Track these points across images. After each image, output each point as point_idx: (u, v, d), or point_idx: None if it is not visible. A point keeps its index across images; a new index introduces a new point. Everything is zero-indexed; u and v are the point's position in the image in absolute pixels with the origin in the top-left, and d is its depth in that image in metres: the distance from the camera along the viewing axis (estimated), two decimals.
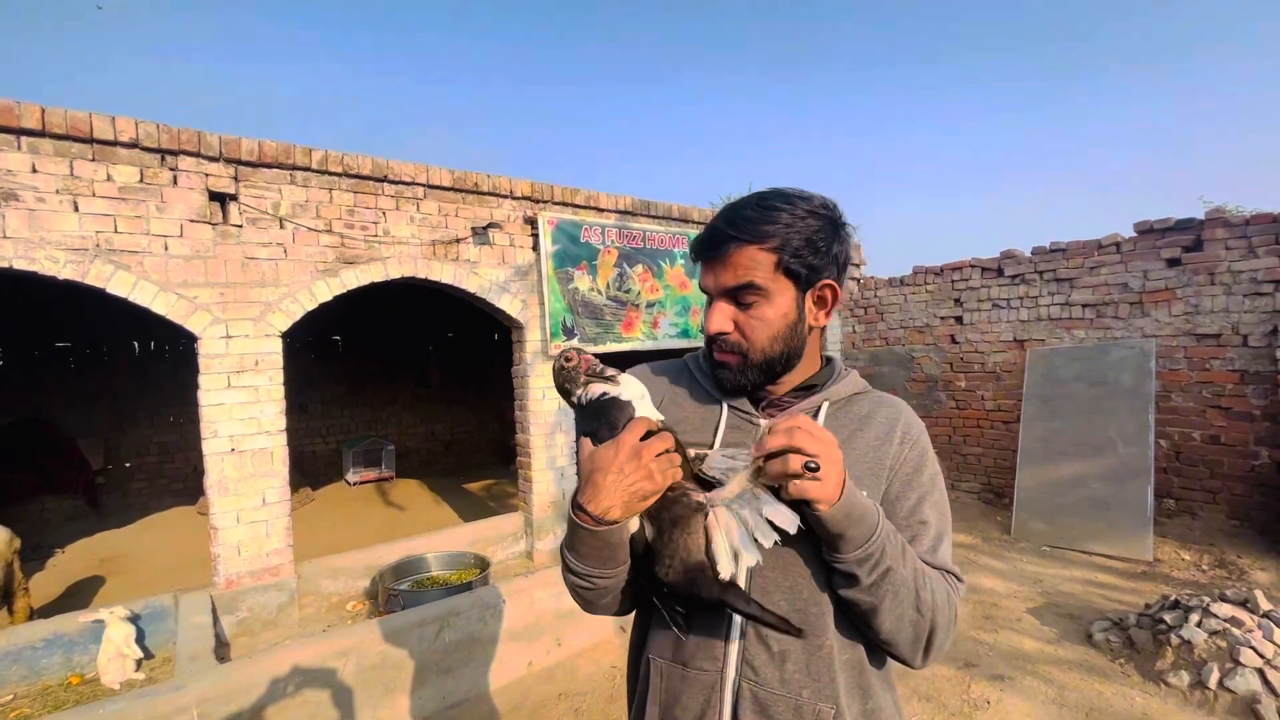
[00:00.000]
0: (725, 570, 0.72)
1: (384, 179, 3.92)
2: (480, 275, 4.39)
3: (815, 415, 0.88)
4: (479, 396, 9.74)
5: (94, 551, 5.74)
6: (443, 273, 4.20)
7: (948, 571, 0.85)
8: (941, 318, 6.34)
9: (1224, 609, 2.91)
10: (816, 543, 0.77)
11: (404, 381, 9.24)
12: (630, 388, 0.82)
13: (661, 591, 0.78)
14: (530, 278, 4.65)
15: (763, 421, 0.87)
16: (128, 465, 7.27)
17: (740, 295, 0.82)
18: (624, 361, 0.93)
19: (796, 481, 0.68)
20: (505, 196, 4.49)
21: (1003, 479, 5.88)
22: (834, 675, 0.80)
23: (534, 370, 4.64)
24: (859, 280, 7.13)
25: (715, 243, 0.83)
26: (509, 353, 4.89)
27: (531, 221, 4.62)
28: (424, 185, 4.09)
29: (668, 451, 0.74)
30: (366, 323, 8.62)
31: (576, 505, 0.76)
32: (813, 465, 0.67)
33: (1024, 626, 3.50)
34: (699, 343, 5.78)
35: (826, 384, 0.91)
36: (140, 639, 3.11)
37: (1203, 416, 4.75)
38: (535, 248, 4.64)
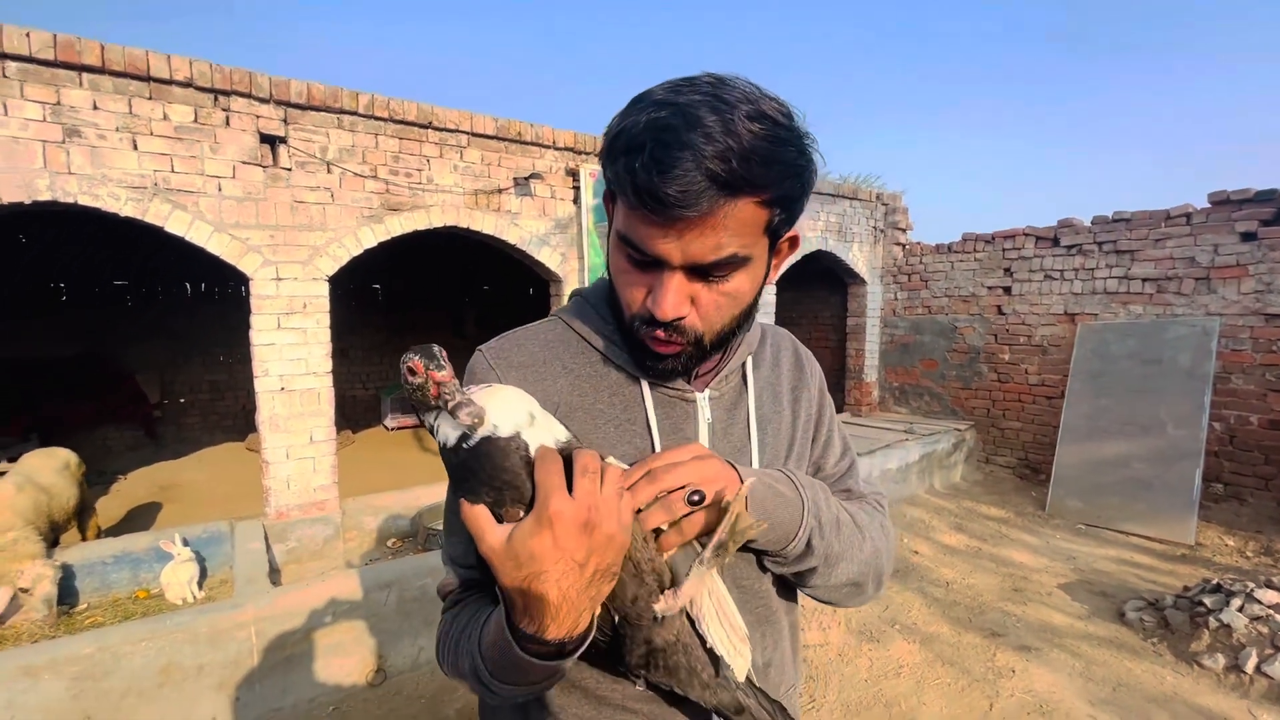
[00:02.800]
0: (740, 670, 0.59)
1: (428, 125, 3.90)
2: (521, 227, 4.38)
3: (742, 374, 0.76)
4: None
5: (153, 479, 6.10)
6: (484, 223, 4.21)
7: (876, 493, 0.83)
8: (989, 287, 6.12)
9: (1269, 595, 2.84)
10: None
11: (441, 332, 9.40)
12: (507, 410, 0.54)
13: (636, 680, 0.61)
14: (570, 231, 4.63)
15: (698, 395, 0.71)
16: (182, 401, 7.63)
17: (714, 268, 0.57)
18: None
19: (688, 520, 0.56)
20: (548, 147, 4.43)
21: (1040, 455, 5.76)
22: (787, 652, 0.77)
23: None
24: (904, 246, 6.91)
25: (690, 190, 0.51)
26: (544, 307, 4.92)
27: (573, 174, 4.56)
28: (467, 133, 4.06)
29: (614, 490, 0.53)
30: (406, 273, 8.75)
31: (522, 637, 0.51)
32: (696, 496, 0.55)
33: (1054, 601, 3.48)
34: None
35: (744, 332, 0.72)
36: (199, 561, 3.32)
37: (1263, 400, 4.53)
38: (576, 200, 4.60)
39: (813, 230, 6.19)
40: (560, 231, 4.58)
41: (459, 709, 2.59)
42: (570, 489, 0.50)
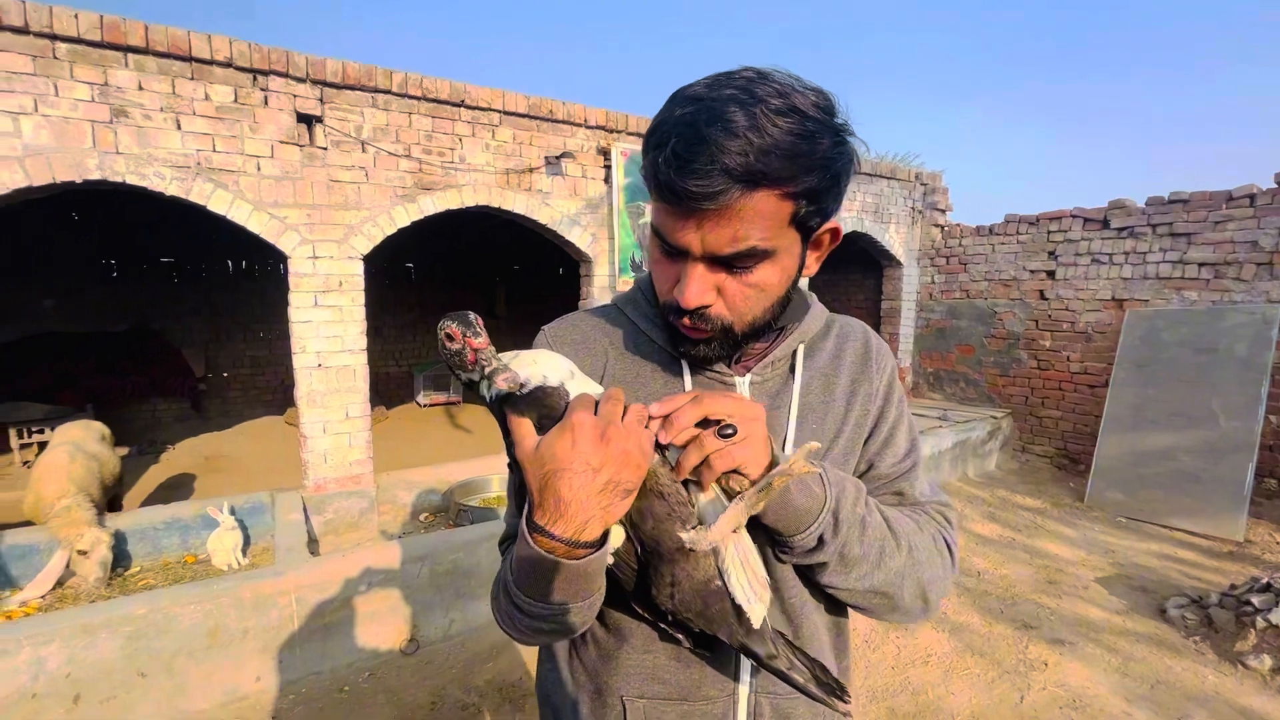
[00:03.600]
0: (756, 616, 0.59)
1: (461, 103, 3.89)
2: (552, 207, 4.37)
3: (792, 362, 0.75)
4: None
5: (198, 450, 6.35)
6: (515, 202, 4.21)
7: (940, 504, 0.77)
8: (1032, 271, 5.91)
9: None
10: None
11: (473, 310, 9.51)
12: (553, 365, 0.60)
13: (664, 620, 0.64)
14: (601, 211, 4.60)
15: (738, 379, 0.72)
16: (225, 375, 7.90)
17: (736, 259, 0.58)
18: None
19: (717, 454, 0.55)
20: (579, 125, 4.39)
21: (1080, 445, 5.59)
22: (825, 650, 0.75)
23: (601, 304, 4.67)
24: (943, 227, 6.70)
25: (708, 184, 0.53)
26: (574, 287, 4.92)
27: (605, 152, 4.52)
28: (499, 111, 4.04)
29: (635, 415, 0.57)
30: (438, 252, 8.84)
31: (534, 528, 0.55)
32: (728, 430, 0.55)
33: (1090, 595, 3.40)
34: None
35: (799, 321, 0.75)
36: (243, 529, 3.45)
37: None
38: (607, 180, 4.56)
39: (848, 211, 6.04)
40: (591, 211, 4.55)
41: (488, 680, 2.66)
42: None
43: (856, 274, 7.49)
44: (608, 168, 4.54)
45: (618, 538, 0.59)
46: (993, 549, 4.01)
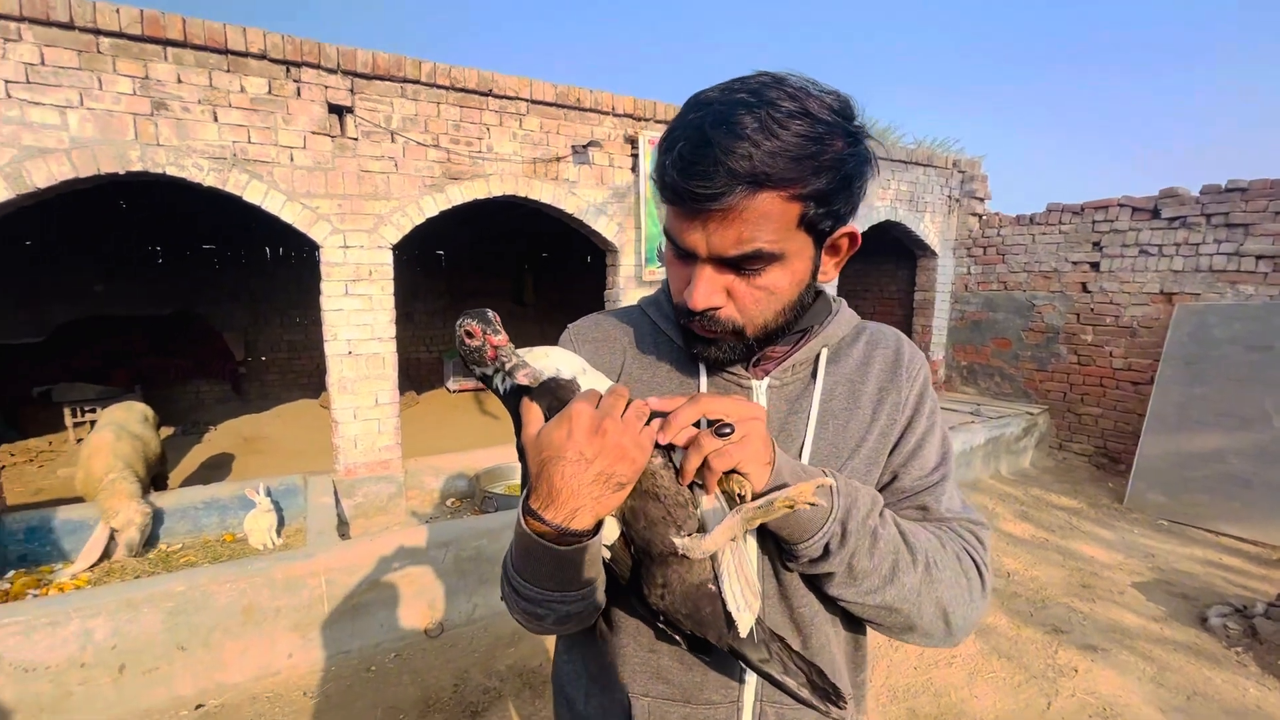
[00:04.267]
0: (744, 625, 0.58)
1: (488, 93, 3.90)
2: (579, 196, 4.36)
3: (814, 367, 0.73)
4: (571, 317, 9.89)
5: (238, 431, 6.58)
6: (542, 192, 4.21)
7: (971, 521, 0.72)
8: (1074, 263, 5.68)
9: None
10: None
11: (501, 298, 9.60)
12: (566, 360, 0.62)
13: (656, 620, 0.64)
14: (628, 200, 4.57)
15: (755, 382, 0.72)
16: (263, 359, 8.15)
17: (744, 261, 0.59)
18: None
19: (715, 453, 0.55)
20: (606, 113, 4.36)
21: (1121, 444, 5.39)
22: (838, 662, 0.73)
23: (625, 295, 4.65)
24: (981, 216, 6.48)
25: (711, 185, 0.53)
26: (602, 276, 4.91)
27: (632, 141, 4.48)
28: (527, 100, 4.03)
29: (635, 411, 0.57)
30: (468, 240, 8.92)
31: (528, 511, 0.57)
32: (726, 429, 0.55)
33: (1126, 600, 3.29)
34: None
35: (822, 325, 0.74)
36: (278, 510, 3.57)
37: None
38: (634, 169, 4.53)
39: (881, 199, 5.88)
40: (618, 200, 4.53)
41: (510, 665, 2.71)
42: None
43: (889, 264, 7.32)
44: (635, 156, 4.51)
45: (612, 532, 0.60)
46: (1024, 549, 3.91)
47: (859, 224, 0.69)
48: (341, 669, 2.66)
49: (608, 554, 0.61)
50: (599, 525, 0.58)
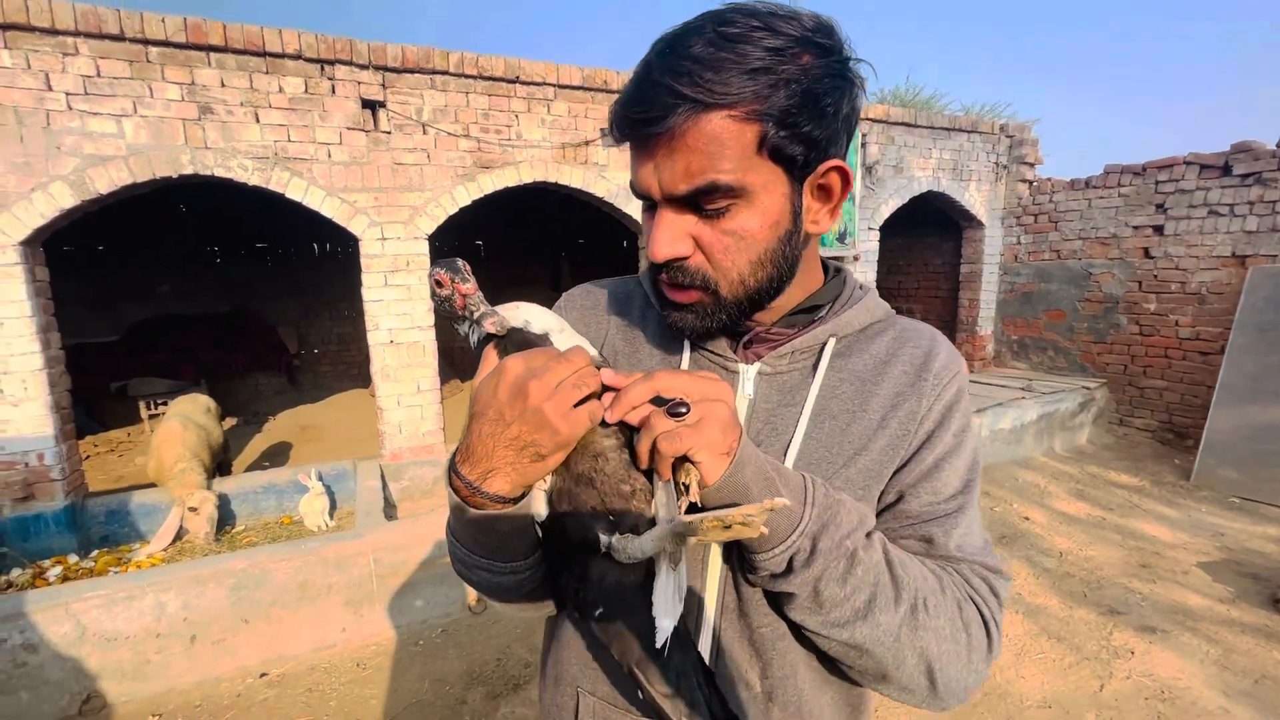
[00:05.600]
0: (661, 634, 0.50)
1: (515, 80, 3.92)
2: (609, 180, 4.36)
3: (817, 358, 0.63)
4: None
5: (295, 420, 6.90)
6: (572, 177, 4.22)
7: (986, 567, 0.60)
8: (1135, 227, 5.35)
9: None
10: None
11: (539, 285, 9.72)
12: (538, 314, 0.59)
13: (570, 613, 0.58)
14: None
15: (743, 366, 0.63)
16: (315, 351, 8.51)
17: (702, 200, 0.52)
18: None
19: (665, 436, 0.47)
20: None
21: (1188, 418, 5.09)
22: (807, 701, 0.62)
23: None
24: (1031, 183, 6.16)
25: (651, 109, 0.49)
26: (635, 259, 4.91)
27: None
28: (554, 85, 4.04)
29: (575, 379, 0.49)
30: (504, 228, 9.05)
31: (450, 463, 0.54)
32: (680, 409, 0.47)
33: (1190, 580, 3.13)
34: (838, 251, 5.43)
35: (834, 307, 0.65)
36: (330, 494, 3.75)
37: None
38: None
39: (923, 169, 5.66)
40: None
41: None
42: None
43: (933, 236, 7.06)
44: None
45: (539, 505, 0.54)
46: (1079, 529, 3.76)
47: (898, 195, 0.62)
48: (392, 642, 2.78)
49: (539, 531, 0.56)
50: (523, 496, 0.53)
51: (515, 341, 0.56)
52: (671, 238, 0.54)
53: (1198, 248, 4.97)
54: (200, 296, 7.66)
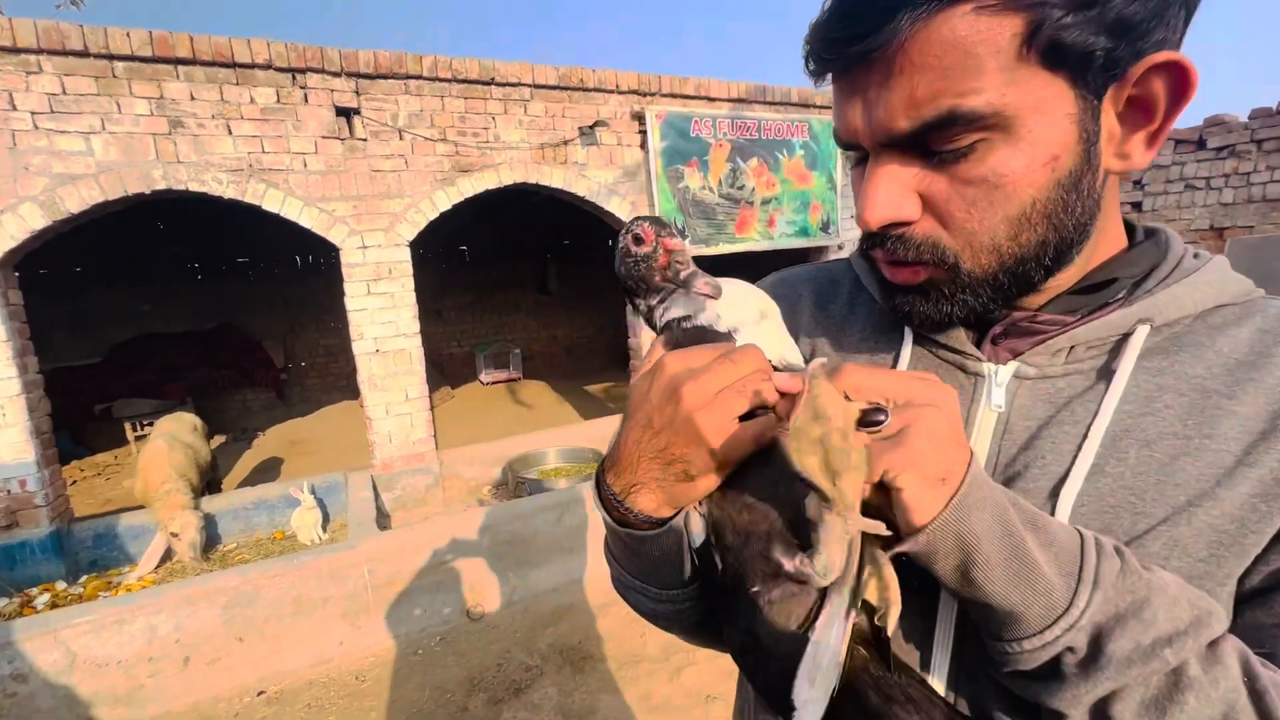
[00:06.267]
0: (799, 696, 0.37)
1: (491, 81, 3.90)
2: (589, 178, 4.34)
3: (1114, 355, 0.43)
4: (596, 302, 10.01)
5: (284, 435, 6.84)
6: (552, 177, 4.21)
7: None
8: None
9: None
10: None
11: (526, 289, 9.69)
12: (736, 305, 0.47)
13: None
14: (639, 178, 4.53)
15: (990, 367, 0.46)
16: (303, 364, 8.43)
17: (934, 138, 0.38)
18: (740, 265, 0.46)
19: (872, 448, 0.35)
20: (611, 92, 4.31)
21: None
22: None
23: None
24: None
25: (860, 21, 0.37)
26: None
27: (639, 117, 4.43)
28: (530, 85, 4.02)
29: (741, 385, 0.40)
30: (490, 233, 9.01)
31: (600, 465, 0.47)
32: (876, 417, 0.35)
33: None
34: (821, 242, 5.44)
35: (1146, 282, 0.45)
36: (322, 507, 3.71)
37: None
38: (643, 146, 4.48)
39: None
40: (629, 179, 4.50)
41: (550, 643, 2.78)
42: None
43: None
44: (643, 133, 4.45)
45: (695, 529, 0.45)
46: None
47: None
48: (390, 653, 2.76)
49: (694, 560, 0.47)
50: (675, 516, 0.44)
51: (691, 338, 0.46)
52: (888, 196, 0.41)
53: (1176, 222, 5.02)
54: (183, 314, 7.56)
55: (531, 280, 9.72)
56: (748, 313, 0.47)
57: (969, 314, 0.44)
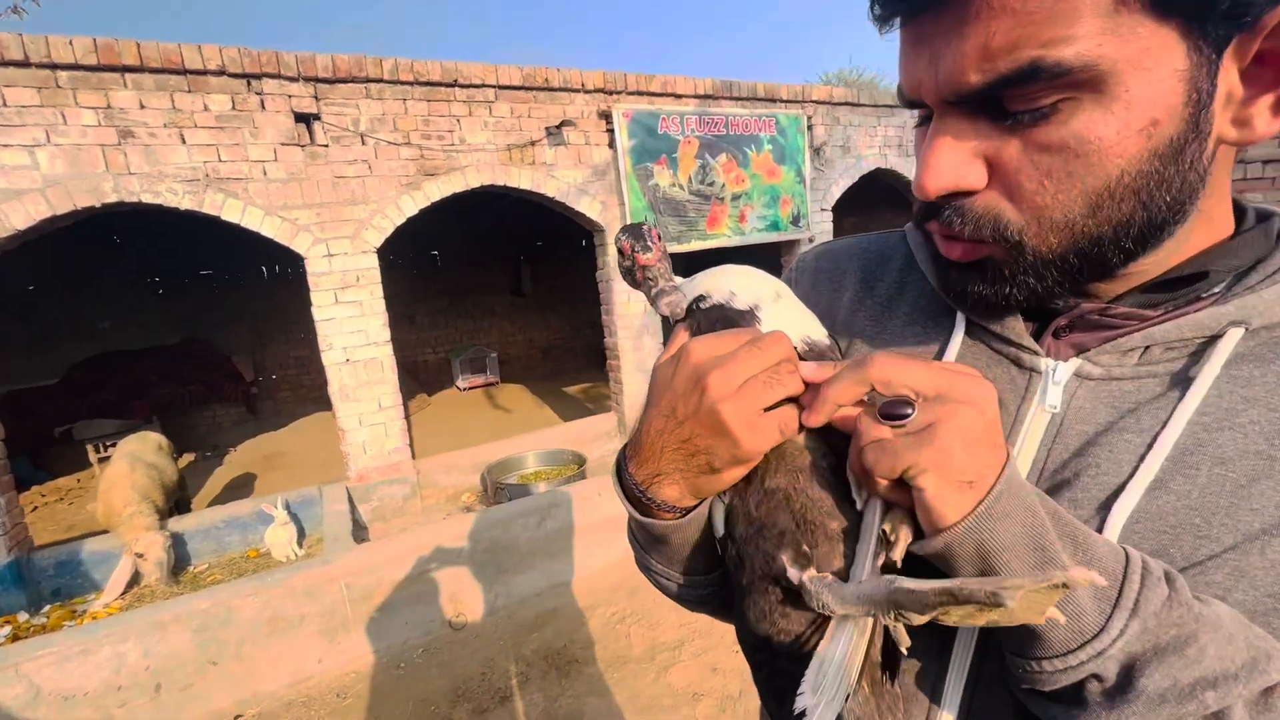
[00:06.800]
0: (801, 701, 0.36)
1: (454, 83, 3.84)
2: (558, 178, 4.31)
3: (1196, 359, 0.38)
4: (571, 303, 9.97)
5: (257, 450, 6.69)
6: (520, 178, 4.17)
7: None
8: None
9: None
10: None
11: (500, 293, 9.60)
12: (746, 282, 0.46)
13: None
14: (608, 177, 4.51)
15: (1048, 363, 0.42)
16: (274, 377, 8.25)
17: (1010, 96, 0.33)
18: (713, 262, 0.45)
19: (876, 445, 0.34)
20: (577, 91, 4.29)
21: None
22: None
23: (616, 274, 4.60)
24: None
25: None
26: (594, 258, 4.88)
27: (606, 116, 4.41)
28: (494, 86, 3.97)
29: (768, 375, 0.38)
30: (461, 237, 8.91)
31: (622, 453, 0.46)
32: (900, 410, 0.34)
33: None
34: (792, 235, 5.51)
35: (1249, 277, 0.39)
36: (297, 522, 3.63)
37: None
38: (611, 144, 4.46)
39: (869, 148, 5.75)
40: (598, 178, 4.47)
41: (535, 649, 2.75)
42: None
43: (886, 213, 7.20)
44: (610, 131, 4.43)
45: (718, 519, 0.45)
46: None
47: (847, 175, 0.43)
48: (372, 668, 2.71)
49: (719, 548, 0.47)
50: (698, 505, 0.44)
51: (711, 319, 0.45)
52: (951, 162, 0.36)
53: None
54: (145, 330, 7.34)
55: (505, 283, 9.64)
56: (763, 292, 0.46)
57: (1030, 298, 0.39)
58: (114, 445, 6.05)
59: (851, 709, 0.36)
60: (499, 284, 9.58)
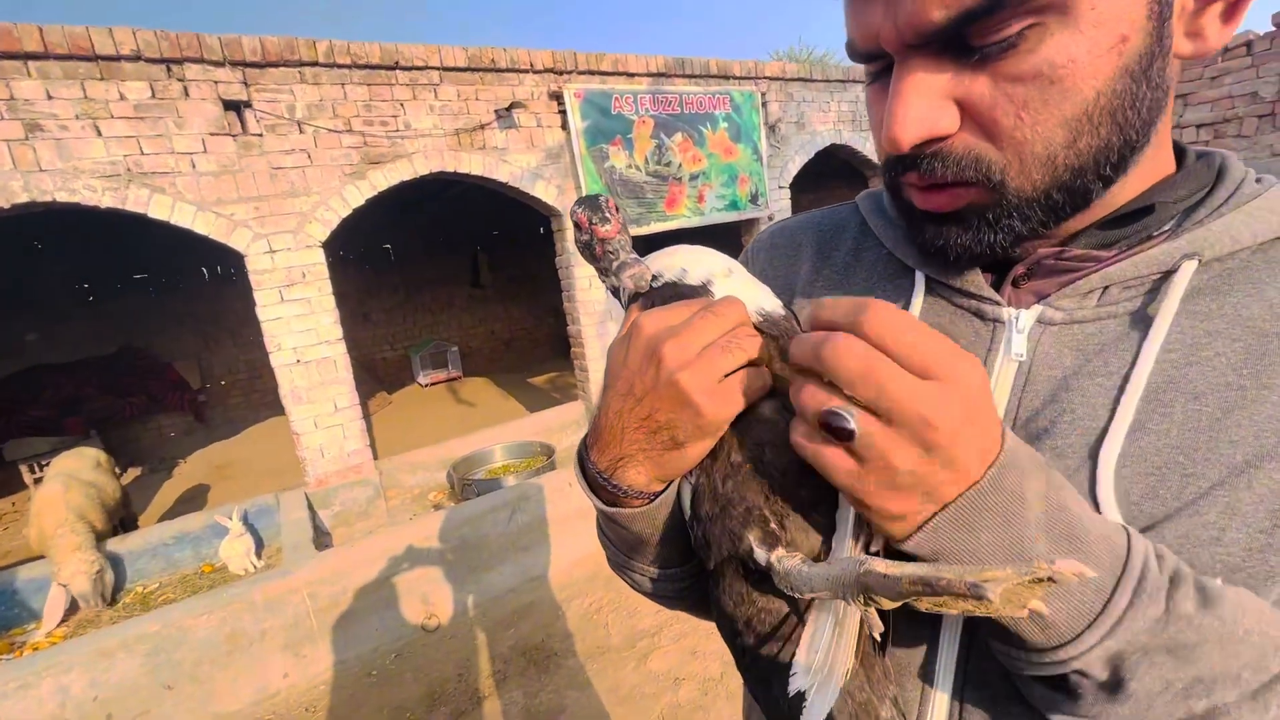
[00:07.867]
0: (814, 714, 0.35)
1: (395, 66, 3.66)
2: (510, 163, 4.17)
3: (1152, 296, 0.38)
4: (532, 292, 9.80)
5: (209, 460, 6.39)
6: (471, 164, 4.02)
7: None
8: None
9: None
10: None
11: (458, 284, 9.36)
12: (698, 259, 0.45)
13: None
14: (563, 160, 4.40)
15: (1011, 312, 0.41)
16: (223, 383, 7.87)
17: (974, 31, 0.32)
18: (674, 243, 0.42)
19: (824, 453, 0.31)
20: (525, 71, 4.14)
21: None
22: None
23: (577, 260, 4.52)
24: None
25: None
26: (552, 245, 4.77)
27: (557, 96, 4.28)
28: (438, 69, 3.81)
29: (725, 341, 0.37)
30: (414, 229, 8.63)
31: (582, 443, 0.45)
32: (837, 420, 0.30)
33: None
34: (751, 214, 5.48)
35: (1197, 211, 0.39)
36: (254, 533, 3.46)
37: None
38: (565, 126, 4.34)
39: (824, 124, 5.76)
40: (552, 162, 4.35)
41: (511, 645, 2.69)
42: None
43: (842, 188, 7.26)
44: (563, 113, 4.31)
45: (686, 501, 0.43)
46: None
47: (803, 151, 0.40)
48: (342, 678, 2.61)
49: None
50: (667, 489, 0.41)
51: (664, 296, 0.43)
52: (922, 109, 0.34)
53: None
54: (76, 340, 6.89)
55: (463, 275, 9.40)
56: (715, 267, 0.44)
57: (1015, 242, 0.38)
58: (49, 464, 5.71)
59: (845, 685, 0.35)
60: (456, 276, 9.34)
